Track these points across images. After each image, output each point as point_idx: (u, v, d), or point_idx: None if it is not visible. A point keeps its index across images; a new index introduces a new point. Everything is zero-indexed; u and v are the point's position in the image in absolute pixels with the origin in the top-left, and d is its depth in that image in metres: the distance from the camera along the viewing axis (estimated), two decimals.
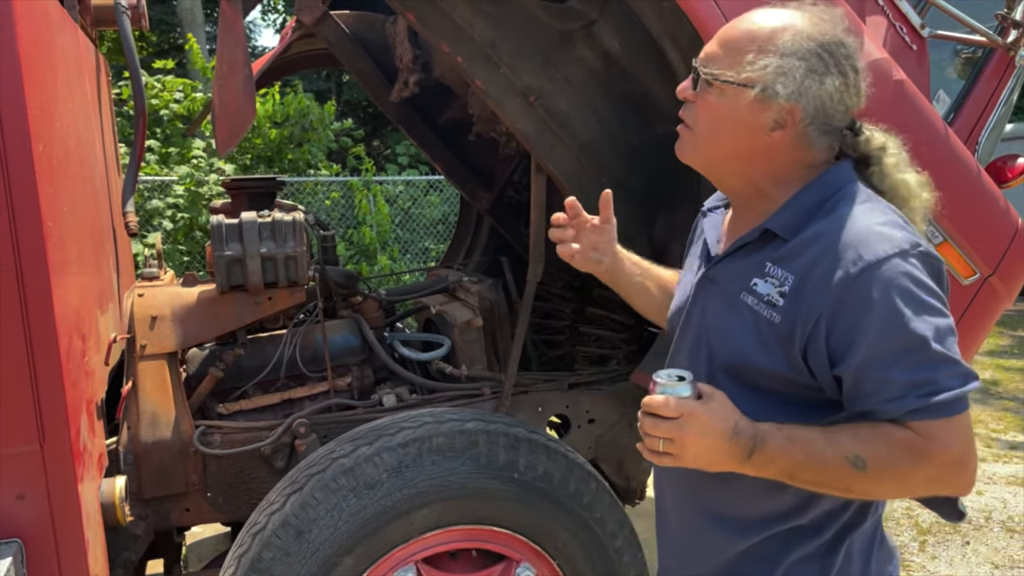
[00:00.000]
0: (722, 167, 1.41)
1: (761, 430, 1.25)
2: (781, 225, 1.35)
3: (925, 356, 1.21)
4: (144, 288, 2.70)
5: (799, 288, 1.28)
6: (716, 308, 1.43)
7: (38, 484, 1.75)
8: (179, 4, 14.85)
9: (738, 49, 1.32)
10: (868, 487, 1.25)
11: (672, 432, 1.22)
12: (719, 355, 1.41)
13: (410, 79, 3.07)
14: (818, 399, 1.32)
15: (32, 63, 1.72)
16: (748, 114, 1.32)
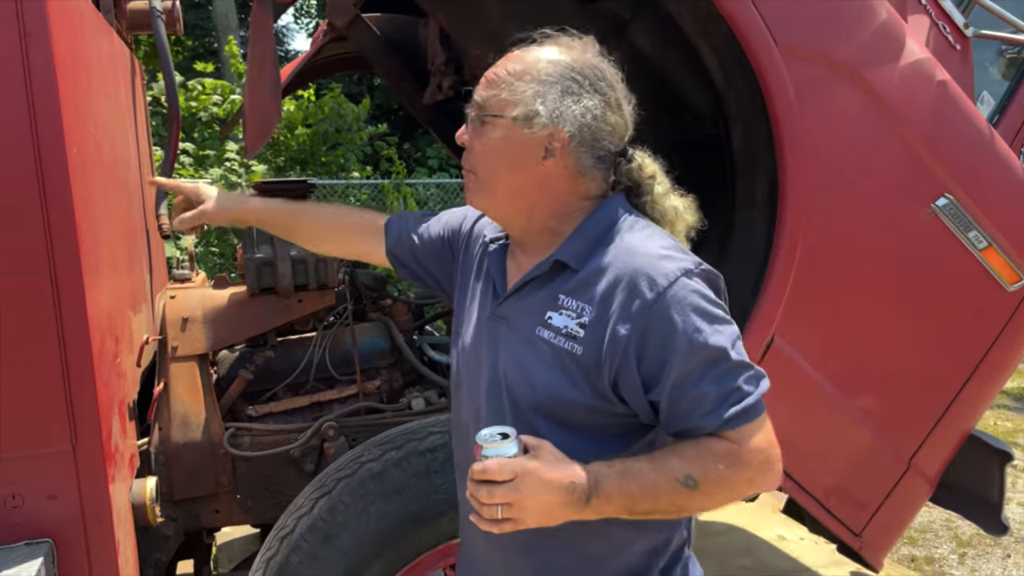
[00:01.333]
0: (506, 205, 1.41)
1: (593, 472, 1.24)
2: (570, 255, 1.36)
3: (728, 366, 1.27)
4: (176, 290, 2.72)
5: (598, 320, 1.30)
6: (511, 348, 1.40)
7: (70, 485, 1.76)
8: (214, 9, 15.06)
9: (500, 85, 1.36)
10: (701, 502, 1.29)
11: (510, 496, 1.20)
12: (524, 396, 1.36)
13: (443, 82, 3.07)
14: (630, 425, 1.35)
15: (67, 66, 1.73)
16: (519, 145, 1.34)
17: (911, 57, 2.21)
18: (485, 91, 1.37)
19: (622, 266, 1.31)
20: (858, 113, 2.18)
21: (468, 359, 1.50)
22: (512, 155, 1.35)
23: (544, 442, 1.25)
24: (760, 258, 2.17)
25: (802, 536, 4.42)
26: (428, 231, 1.71)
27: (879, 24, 2.18)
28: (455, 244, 1.66)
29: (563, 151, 1.34)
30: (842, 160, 2.20)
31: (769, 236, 2.15)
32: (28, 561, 1.67)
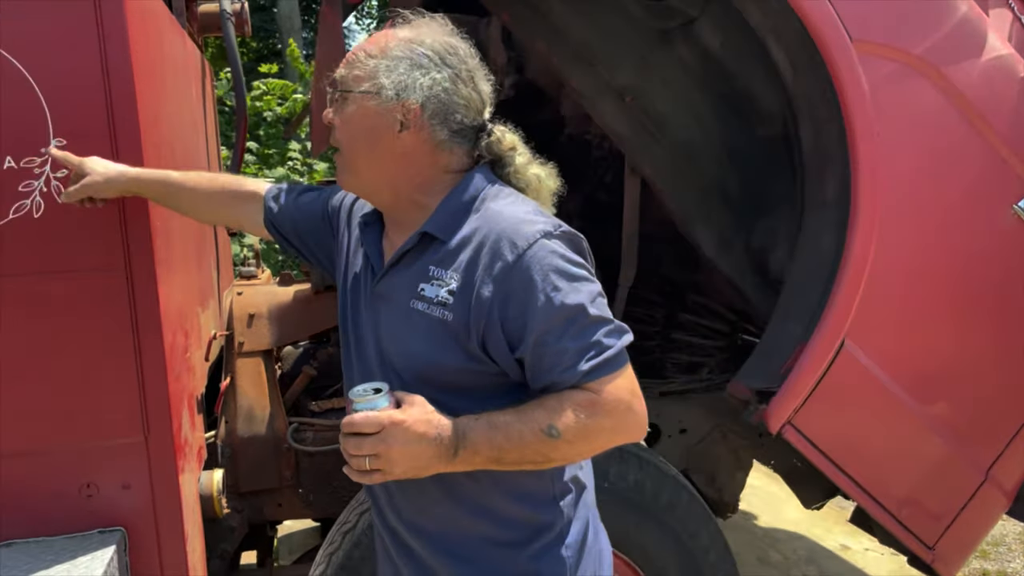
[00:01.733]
0: (369, 180, 1.44)
1: (461, 425, 1.28)
2: (436, 227, 1.40)
3: (586, 322, 1.31)
4: (243, 287, 2.77)
5: (464, 285, 1.34)
6: (390, 322, 1.44)
7: (142, 475, 1.81)
8: (278, 11, 15.35)
9: (355, 63, 1.40)
10: (565, 452, 1.32)
11: (376, 447, 1.23)
12: (405, 367, 1.40)
13: (505, 82, 3.06)
14: (505, 384, 1.38)
15: (143, 68, 1.78)
16: (372, 118, 1.38)
17: (992, 53, 2.13)
18: (342, 69, 1.41)
19: (486, 232, 1.35)
20: (936, 110, 2.11)
21: (356, 339, 1.53)
22: (367, 128, 1.39)
23: (416, 397, 1.29)
24: (830, 260, 2.11)
25: (867, 547, 4.30)
26: (310, 206, 1.72)
27: (959, 18, 2.10)
28: (335, 222, 1.68)
29: (416, 123, 1.38)
30: (919, 159, 2.12)
31: (840, 237, 2.09)
32: (101, 549, 1.72)
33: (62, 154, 1.65)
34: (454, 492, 1.42)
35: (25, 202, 1.67)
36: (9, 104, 1.64)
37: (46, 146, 1.68)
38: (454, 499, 1.43)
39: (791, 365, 2.09)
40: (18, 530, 1.74)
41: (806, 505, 2.57)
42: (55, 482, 1.76)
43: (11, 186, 1.66)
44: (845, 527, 4.27)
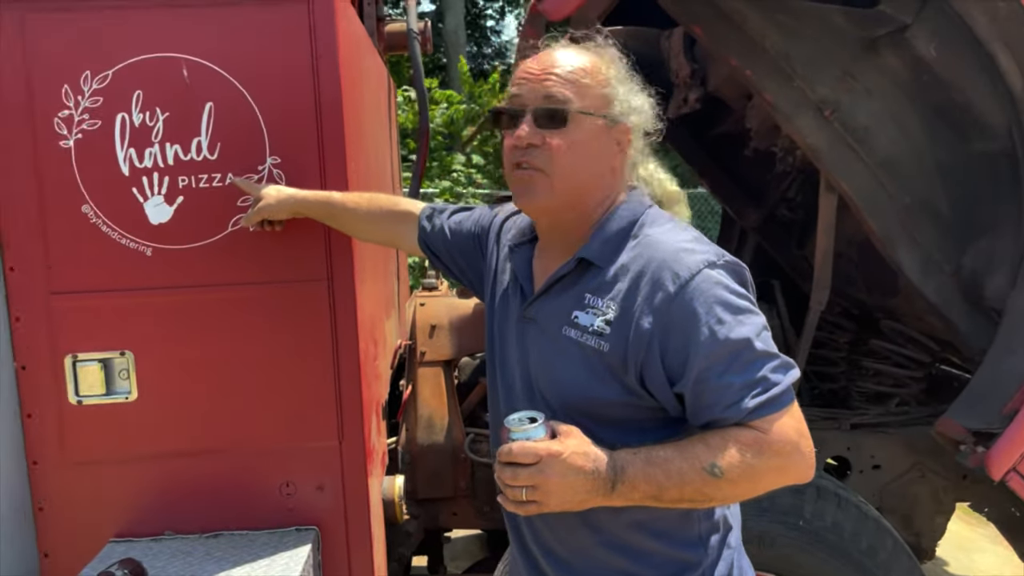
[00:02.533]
0: (575, 203, 1.38)
1: (619, 459, 1.24)
2: (594, 253, 1.36)
3: (751, 356, 1.26)
4: (425, 298, 2.85)
5: (623, 315, 1.30)
6: (540, 349, 1.40)
7: (335, 477, 1.89)
8: (444, 26, 15.91)
9: (580, 81, 1.34)
10: (727, 492, 1.27)
11: (533, 479, 1.20)
12: (555, 396, 1.36)
13: (690, 95, 2.99)
14: (661, 418, 1.34)
15: (349, 88, 1.86)
16: (600, 141, 1.35)
17: None
18: (561, 87, 1.34)
19: (645, 261, 1.32)
20: None
21: (502, 361, 1.51)
22: (594, 150, 1.36)
23: (573, 428, 1.25)
24: None
25: None
26: (461, 226, 1.71)
27: None
28: (484, 243, 1.66)
29: (628, 144, 1.38)
30: None
31: None
32: (299, 546, 1.80)
33: (241, 181, 1.76)
34: (592, 522, 1.37)
35: (242, 216, 1.78)
36: (231, 124, 1.75)
37: (263, 163, 1.79)
38: (592, 529, 1.38)
39: (1017, 406, 1.88)
40: (225, 522, 1.86)
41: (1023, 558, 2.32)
42: (259, 480, 1.87)
43: (231, 201, 1.78)
44: None
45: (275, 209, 1.74)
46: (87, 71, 1.72)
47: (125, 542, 1.81)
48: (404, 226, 1.79)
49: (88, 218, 1.75)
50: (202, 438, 1.82)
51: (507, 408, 1.47)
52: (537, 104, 1.34)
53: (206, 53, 1.74)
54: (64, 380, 1.77)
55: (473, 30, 21.28)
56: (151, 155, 1.75)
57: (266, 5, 1.76)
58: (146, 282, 1.77)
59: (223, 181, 1.77)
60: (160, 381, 1.79)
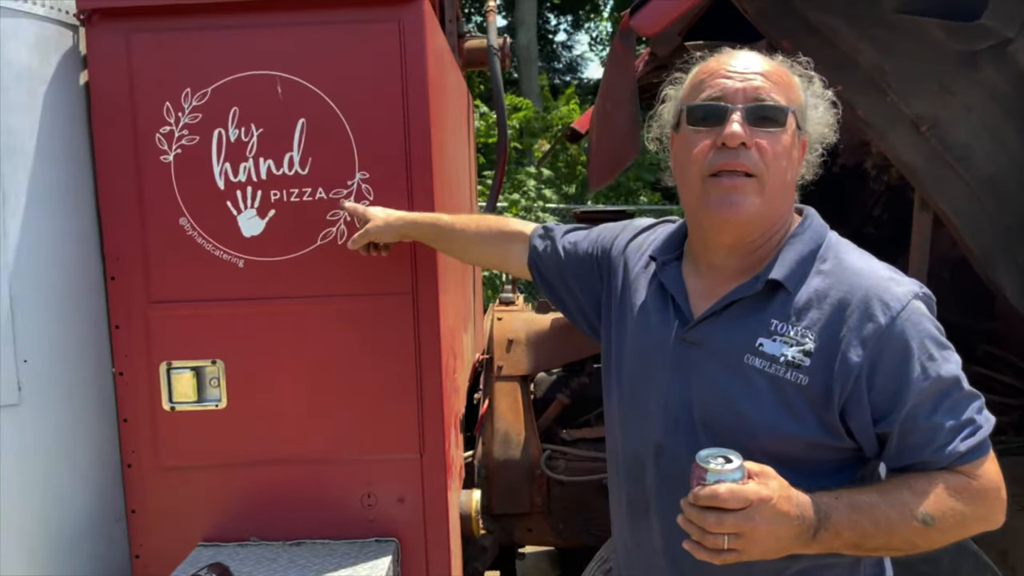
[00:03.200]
0: (769, 212, 1.28)
1: (822, 504, 1.16)
2: (786, 275, 1.27)
3: (960, 395, 1.21)
4: (503, 312, 2.86)
5: (826, 346, 1.22)
6: (708, 375, 1.29)
7: (415, 490, 1.90)
8: (516, 41, 16.05)
9: (784, 84, 1.28)
10: (934, 540, 1.19)
11: (741, 525, 1.10)
12: (731, 428, 1.25)
13: None
14: (847, 460, 1.27)
15: (436, 105, 1.88)
16: (794, 148, 1.28)
17: None
18: (774, 87, 1.26)
19: (847, 288, 1.23)
20: None
21: (635, 387, 1.40)
22: (792, 159, 1.28)
23: (768, 469, 1.16)
24: None
25: None
26: (577, 247, 1.64)
27: None
28: (603, 263, 1.58)
29: (801, 158, 1.31)
30: None
31: None
32: (379, 557, 1.81)
33: (351, 205, 1.78)
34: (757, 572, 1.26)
35: (331, 230, 1.82)
36: (322, 139, 1.79)
37: (352, 179, 1.82)
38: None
39: None
40: (307, 530, 1.89)
41: None
42: (341, 490, 1.89)
43: (320, 215, 1.82)
44: None
45: (383, 232, 1.75)
46: (188, 88, 1.78)
47: (212, 546, 1.86)
48: (514, 246, 1.75)
49: (185, 230, 1.80)
50: (287, 446, 1.86)
51: (644, 441, 1.39)
52: (748, 102, 1.25)
53: (299, 70, 1.78)
54: (159, 387, 1.83)
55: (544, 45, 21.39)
56: (245, 169, 1.80)
57: (358, 23, 1.79)
58: (237, 293, 1.82)
59: (313, 195, 1.81)
60: (248, 390, 1.84)
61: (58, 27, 1.74)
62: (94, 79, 1.77)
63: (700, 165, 1.27)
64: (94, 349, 1.81)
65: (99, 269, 1.82)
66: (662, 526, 1.35)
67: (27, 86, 1.68)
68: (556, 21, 23.02)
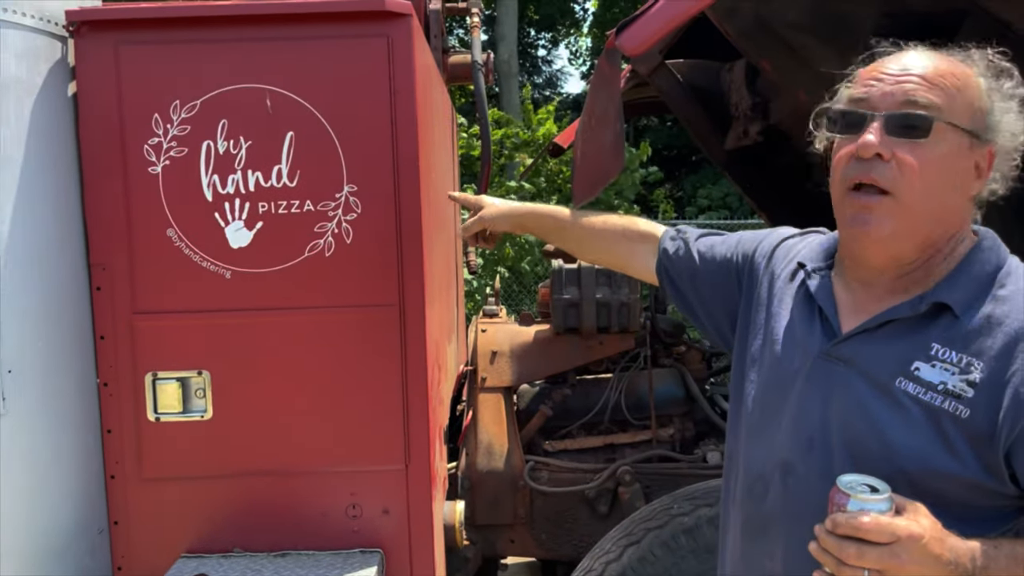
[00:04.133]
0: (922, 233, 1.16)
1: (978, 552, 1.05)
2: (956, 298, 1.15)
3: None
4: (487, 324, 2.88)
5: (994, 377, 1.10)
6: (854, 395, 1.18)
7: (400, 501, 1.90)
8: (497, 55, 16.11)
9: (947, 87, 1.13)
10: None
11: (885, 562, 1.01)
12: (874, 455, 1.15)
13: (750, 128, 2.99)
14: (1006, 508, 1.14)
15: (423, 119, 1.91)
16: (962, 162, 1.14)
17: None
18: (926, 92, 1.13)
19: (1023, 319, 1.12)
20: None
21: (768, 401, 1.31)
22: (953, 172, 1.14)
23: (920, 506, 1.06)
24: None
25: None
26: (713, 251, 1.52)
27: None
28: (743, 271, 1.46)
29: (988, 170, 1.16)
30: None
31: None
32: (364, 568, 1.82)
33: (461, 195, 1.78)
34: None
35: (319, 242, 1.83)
36: (310, 152, 1.81)
37: (340, 191, 1.83)
38: None
39: None
40: (292, 541, 1.89)
41: None
42: (326, 501, 1.89)
43: (308, 227, 1.83)
44: None
45: (497, 220, 1.73)
46: (176, 100, 1.79)
47: (196, 557, 1.85)
48: (642, 246, 1.64)
49: (172, 241, 1.81)
50: (273, 457, 1.86)
51: (770, 458, 1.29)
52: (893, 108, 1.13)
53: (289, 84, 1.80)
54: (144, 397, 1.82)
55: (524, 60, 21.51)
56: (233, 181, 1.81)
57: (347, 39, 1.81)
58: (225, 304, 1.83)
59: (301, 208, 1.82)
60: (234, 401, 1.84)
61: (47, 38, 1.75)
62: (82, 90, 1.78)
63: (840, 177, 1.18)
64: (79, 360, 1.81)
65: (85, 279, 1.82)
66: (784, 551, 1.25)
67: (15, 96, 1.68)
68: (536, 36, 23.19)
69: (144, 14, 1.78)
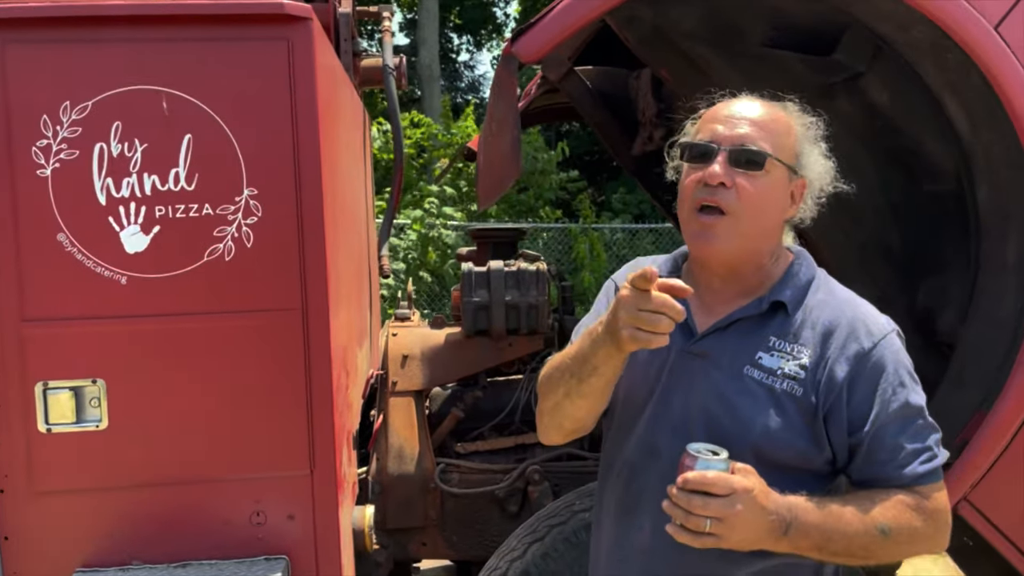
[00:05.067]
0: (751, 248, 1.42)
1: (794, 505, 1.27)
2: (789, 298, 1.41)
3: (922, 424, 1.36)
4: (397, 328, 2.88)
5: (817, 361, 1.36)
6: (712, 384, 1.41)
7: (306, 507, 1.89)
8: (418, 60, 16.05)
9: (775, 131, 1.40)
10: (886, 552, 1.32)
11: (724, 511, 1.21)
12: (732, 433, 1.36)
13: (655, 133, 3.08)
14: (822, 472, 1.39)
15: (326, 122, 1.90)
16: (782, 190, 1.41)
17: None
18: (760, 133, 1.38)
19: (837, 314, 1.39)
20: None
21: (635, 396, 1.48)
22: (777, 199, 1.40)
23: (749, 467, 1.28)
24: (1012, 326, 1.98)
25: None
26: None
27: None
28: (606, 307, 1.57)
29: (801, 199, 1.45)
30: None
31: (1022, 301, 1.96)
32: (268, 575, 1.80)
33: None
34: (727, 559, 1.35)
35: (218, 246, 1.81)
36: (209, 156, 1.78)
37: (240, 195, 1.81)
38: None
39: (968, 436, 1.96)
40: (194, 552, 1.85)
41: None
42: (229, 509, 1.86)
43: (207, 231, 1.80)
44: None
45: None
46: (67, 101, 1.73)
47: (92, 572, 1.80)
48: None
49: (63, 246, 1.75)
50: (172, 467, 1.82)
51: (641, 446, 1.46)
52: (734, 145, 1.37)
53: (186, 86, 1.77)
54: (34, 408, 1.76)
55: (446, 64, 21.49)
56: (128, 185, 1.77)
57: (246, 41, 1.79)
58: (120, 310, 1.78)
59: (200, 212, 1.79)
60: (132, 409, 1.79)
61: None
62: None
63: (688, 199, 1.41)
64: None
65: None
66: (652, 523, 1.41)
67: None
68: (459, 41, 23.19)
69: (33, 12, 1.72)
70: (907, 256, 2.50)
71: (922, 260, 2.47)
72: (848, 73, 2.28)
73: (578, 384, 1.39)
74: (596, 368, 1.36)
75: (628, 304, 1.25)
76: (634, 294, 1.25)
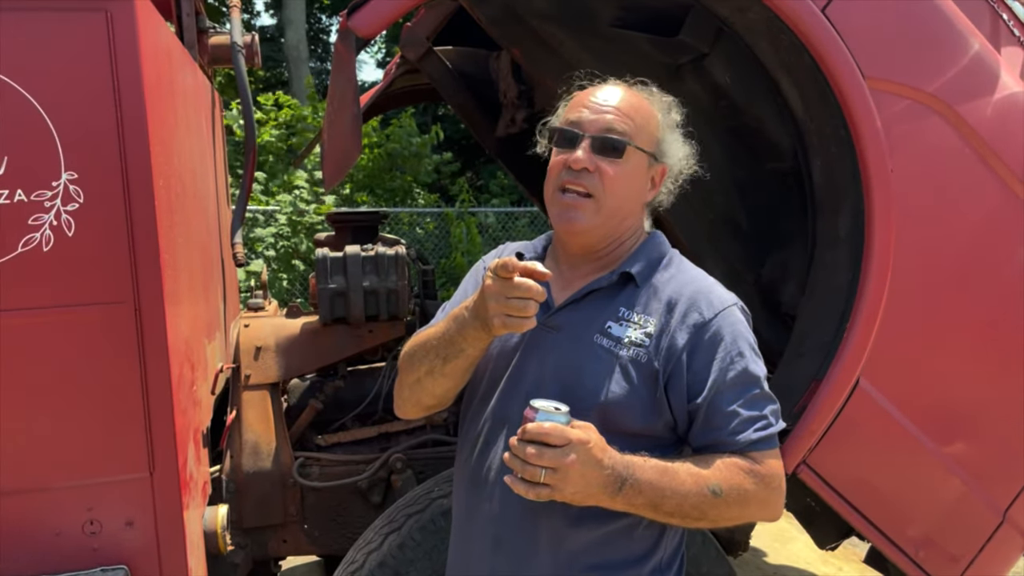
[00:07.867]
0: (612, 227, 1.50)
1: (631, 462, 1.32)
2: (637, 271, 1.49)
3: (759, 394, 1.43)
4: (250, 319, 2.76)
5: (661, 330, 1.43)
6: (564, 354, 1.47)
7: (146, 511, 1.78)
8: (285, 41, 15.51)
9: (638, 119, 1.47)
10: (719, 513, 1.38)
11: (558, 461, 1.24)
12: (580, 398, 1.40)
13: (517, 116, 3.07)
14: (666, 440, 1.46)
15: (155, 101, 1.78)
16: (643, 175, 1.50)
17: (1005, 90, 2.12)
18: (622, 122, 1.45)
19: (680, 287, 1.47)
20: (949, 148, 2.10)
21: (495, 370, 1.53)
22: (637, 184, 1.49)
23: (590, 425, 1.32)
24: (844, 297, 2.09)
25: None
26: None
27: (971, 57, 2.10)
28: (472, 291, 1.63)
29: (660, 183, 1.53)
30: (933, 196, 2.11)
31: (854, 274, 2.07)
32: None
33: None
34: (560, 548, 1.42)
35: (35, 235, 1.66)
36: (20, 137, 1.63)
37: (57, 179, 1.67)
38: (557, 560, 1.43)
39: (805, 403, 2.06)
40: (19, 568, 1.71)
41: (820, 545, 2.52)
42: (57, 519, 1.73)
43: (21, 219, 1.65)
44: (857, 567, 4.20)
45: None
46: None
47: None
48: None
49: None
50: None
51: (496, 418, 1.50)
52: (597, 132, 1.44)
53: None
54: None
55: (316, 45, 20.87)
56: None
57: (58, 12, 1.64)
58: None
59: (11, 198, 1.64)
60: None
61: None
62: None
63: (554, 180, 1.48)
64: None
65: None
66: (501, 492, 1.44)
67: None
68: (328, 22, 22.56)
69: None
70: (753, 232, 2.60)
71: (767, 236, 2.58)
72: (693, 54, 2.33)
73: (442, 364, 1.46)
74: (463, 350, 1.43)
75: (495, 293, 1.32)
76: (498, 283, 1.32)
